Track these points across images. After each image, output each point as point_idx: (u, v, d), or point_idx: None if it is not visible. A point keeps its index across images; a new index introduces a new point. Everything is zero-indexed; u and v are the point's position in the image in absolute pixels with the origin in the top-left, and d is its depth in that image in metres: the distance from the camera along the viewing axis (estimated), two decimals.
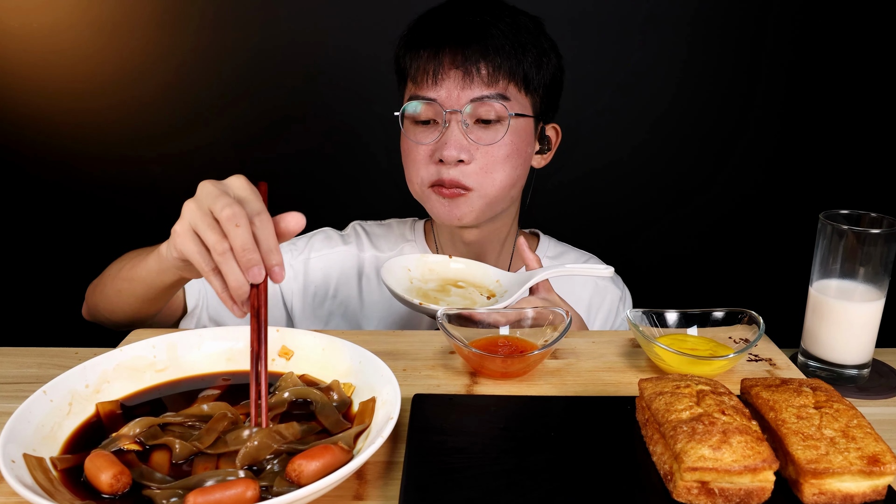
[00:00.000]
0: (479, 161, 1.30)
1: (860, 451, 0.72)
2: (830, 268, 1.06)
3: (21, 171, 2.11)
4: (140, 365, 0.95)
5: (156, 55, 2.03)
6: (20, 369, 1.05)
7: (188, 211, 0.89)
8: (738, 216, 2.19)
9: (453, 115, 1.29)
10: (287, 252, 1.49)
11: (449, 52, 1.28)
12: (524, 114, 1.32)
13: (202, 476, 0.75)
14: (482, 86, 1.28)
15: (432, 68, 1.29)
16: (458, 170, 1.30)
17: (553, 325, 1.06)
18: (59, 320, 1.48)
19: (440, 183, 1.31)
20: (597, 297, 1.52)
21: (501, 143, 1.30)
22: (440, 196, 1.33)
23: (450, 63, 1.28)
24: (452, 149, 1.28)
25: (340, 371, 0.95)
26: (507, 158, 1.31)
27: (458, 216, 1.34)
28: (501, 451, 0.80)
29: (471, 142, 1.29)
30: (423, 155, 1.33)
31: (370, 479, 0.79)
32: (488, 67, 1.27)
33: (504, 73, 1.28)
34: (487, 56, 1.27)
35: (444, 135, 1.29)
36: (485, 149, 1.30)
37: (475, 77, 1.27)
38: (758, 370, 1.05)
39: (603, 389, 1.00)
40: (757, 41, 2.04)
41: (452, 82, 1.28)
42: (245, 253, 0.84)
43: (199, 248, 0.88)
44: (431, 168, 1.32)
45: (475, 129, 1.30)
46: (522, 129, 1.33)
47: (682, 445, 0.73)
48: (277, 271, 0.86)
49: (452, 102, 1.28)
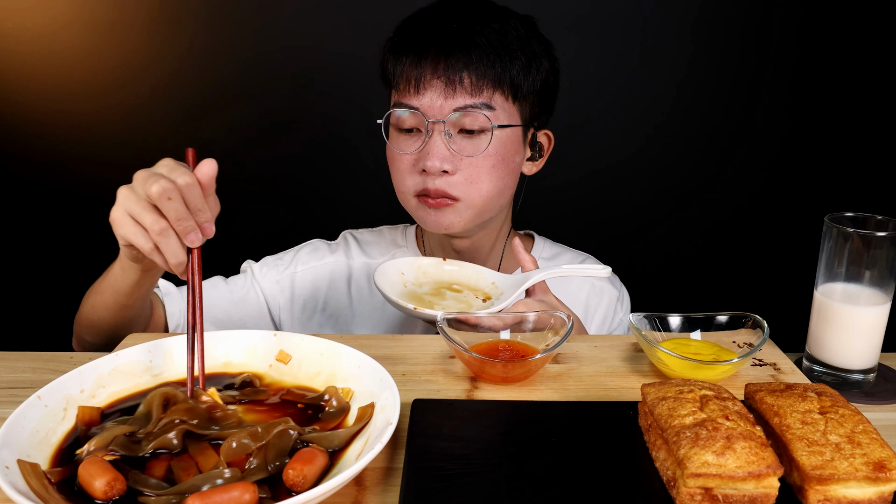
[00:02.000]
0: (464, 171, 1.29)
1: (866, 457, 0.72)
2: (836, 271, 1.06)
3: (14, 173, 2.11)
4: (136, 370, 0.94)
5: (150, 57, 2.03)
6: (14, 374, 1.04)
7: (122, 196, 0.95)
8: (742, 218, 2.18)
9: (436, 124, 1.27)
10: (273, 267, 1.49)
11: (431, 60, 1.26)
12: (510, 124, 1.30)
13: (195, 480, 0.74)
14: (465, 95, 1.26)
15: (415, 77, 1.27)
16: (443, 180, 1.28)
17: (554, 329, 1.05)
18: (54, 324, 1.47)
19: (426, 193, 1.30)
20: (594, 297, 1.51)
21: (486, 153, 1.28)
22: (426, 206, 1.31)
23: (432, 72, 1.26)
24: (435, 159, 1.26)
25: (339, 376, 0.95)
26: (492, 169, 1.30)
27: (445, 225, 1.32)
28: (502, 457, 0.80)
29: (453, 152, 1.27)
30: (407, 164, 1.31)
31: (369, 486, 0.79)
32: (472, 77, 1.25)
33: (489, 82, 1.26)
34: (471, 65, 1.25)
35: (426, 144, 1.28)
36: (469, 159, 1.28)
37: (458, 87, 1.25)
38: (762, 375, 1.05)
39: (605, 394, 0.99)
40: (760, 41, 2.03)
41: (435, 91, 1.26)
42: (181, 222, 0.91)
43: (137, 230, 0.93)
44: (417, 177, 1.31)
45: (458, 138, 1.28)
46: (508, 139, 1.31)
47: (685, 451, 0.72)
48: (207, 227, 0.93)
49: (435, 112, 1.27)
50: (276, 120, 2.08)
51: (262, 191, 2.13)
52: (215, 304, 1.42)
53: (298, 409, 0.90)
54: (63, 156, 2.09)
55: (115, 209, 0.95)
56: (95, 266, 1.26)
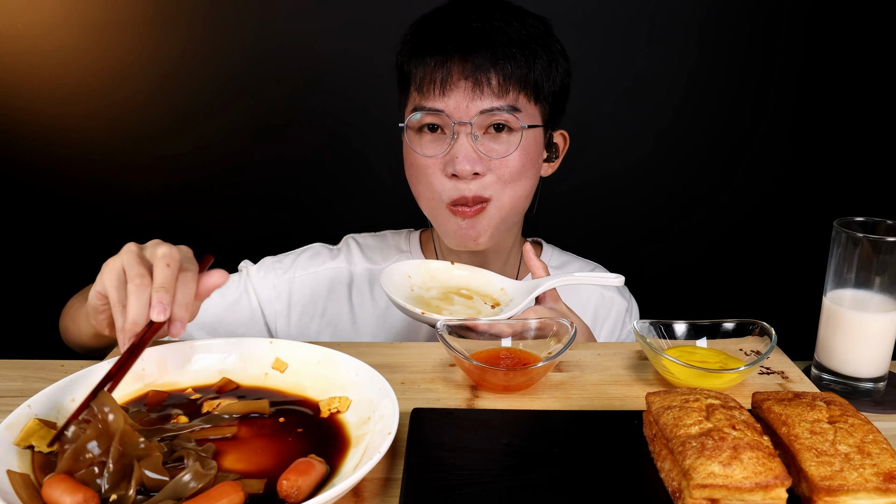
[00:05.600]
0: (495, 172, 1.27)
1: (876, 468, 0.71)
2: (845, 277, 1.05)
3: (3, 177, 2.09)
4: (127, 378, 0.93)
5: (145, 57, 2.01)
6: (4, 382, 1.03)
7: (126, 251, 0.95)
8: (750, 223, 2.17)
9: (462, 126, 1.25)
10: (271, 271, 1.47)
11: (457, 60, 1.24)
12: (535, 124, 1.29)
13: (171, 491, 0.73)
14: (492, 97, 1.24)
15: (440, 78, 1.24)
16: (476, 183, 1.26)
17: (557, 336, 1.04)
18: (44, 332, 1.46)
19: (463, 202, 1.27)
20: (602, 307, 1.50)
21: (514, 154, 1.27)
22: (459, 217, 1.29)
23: (458, 72, 1.24)
24: (465, 162, 1.24)
25: (336, 384, 0.94)
26: (521, 170, 1.28)
27: (473, 238, 1.30)
28: (503, 467, 0.79)
29: (481, 154, 1.25)
30: (434, 168, 1.28)
31: (367, 497, 0.78)
32: (498, 77, 1.23)
33: (514, 83, 1.24)
34: (497, 65, 1.23)
35: (452, 147, 1.25)
36: (497, 161, 1.26)
37: (485, 87, 1.23)
38: (770, 383, 1.04)
39: (609, 403, 0.98)
40: (768, 43, 2.02)
41: (461, 93, 1.24)
42: (160, 291, 0.90)
43: (118, 283, 0.93)
44: (447, 183, 1.27)
45: (485, 140, 1.26)
46: (534, 139, 1.30)
47: (691, 462, 0.72)
48: (178, 327, 0.92)
49: (461, 114, 1.24)
50: (274, 121, 2.07)
51: (261, 194, 2.13)
52: (205, 309, 1.39)
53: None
54: (53, 159, 2.07)
55: (113, 258, 0.95)
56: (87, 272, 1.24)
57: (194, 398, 0.93)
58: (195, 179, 2.07)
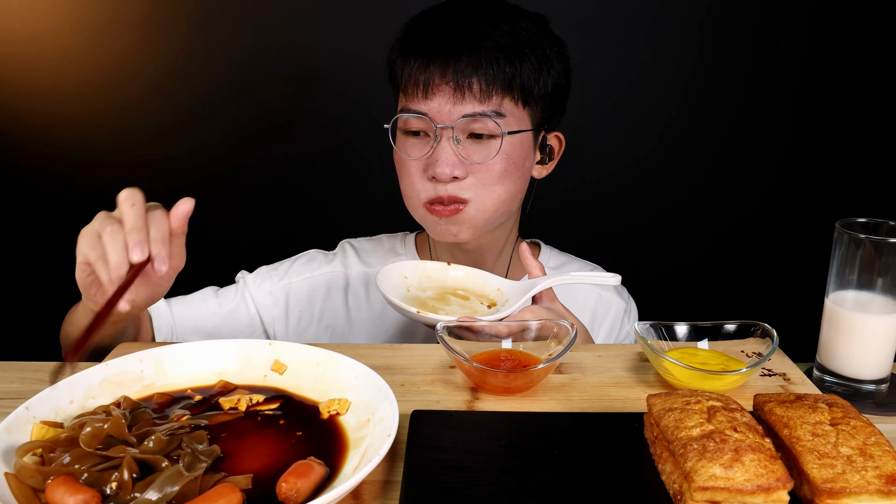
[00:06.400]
0: (475, 176, 1.27)
1: (878, 470, 0.71)
2: (847, 279, 1.04)
3: (3, 177, 2.09)
4: (126, 380, 0.93)
5: (143, 57, 2.01)
6: (2, 384, 1.03)
7: (97, 218, 0.97)
8: (751, 224, 2.16)
9: (444, 130, 1.25)
10: (267, 279, 1.47)
11: (440, 64, 1.24)
12: (520, 129, 1.28)
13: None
14: (475, 102, 1.24)
15: (422, 81, 1.25)
16: (454, 185, 1.27)
17: (557, 338, 1.04)
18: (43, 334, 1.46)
19: (439, 201, 1.28)
20: (601, 308, 1.50)
21: (496, 159, 1.26)
22: (436, 216, 1.30)
23: (440, 76, 1.24)
24: (444, 166, 1.24)
25: (335, 386, 0.93)
26: (503, 174, 1.28)
27: (454, 232, 1.31)
28: (503, 470, 0.79)
29: (462, 159, 1.26)
30: (416, 169, 1.29)
31: (367, 499, 0.78)
32: (481, 82, 1.23)
33: (498, 88, 1.24)
34: (480, 69, 1.23)
35: (434, 150, 1.26)
36: (478, 165, 1.26)
37: (467, 93, 1.23)
38: (771, 385, 1.04)
39: (609, 405, 0.98)
40: (769, 44, 2.02)
41: (443, 97, 1.24)
42: (133, 232, 0.92)
43: (93, 243, 0.95)
44: (427, 184, 1.29)
45: (467, 144, 1.26)
46: (519, 144, 1.29)
47: (692, 464, 0.71)
48: (158, 262, 0.94)
49: (443, 118, 1.25)
50: (273, 122, 2.07)
51: (260, 195, 2.13)
52: (205, 317, 1.41)
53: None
54: (53, 160, 2.07)
55: (86, 227, 0.98)
56: None
57: (198, 399, 0.93)
58: (194, 180, 2.07)
